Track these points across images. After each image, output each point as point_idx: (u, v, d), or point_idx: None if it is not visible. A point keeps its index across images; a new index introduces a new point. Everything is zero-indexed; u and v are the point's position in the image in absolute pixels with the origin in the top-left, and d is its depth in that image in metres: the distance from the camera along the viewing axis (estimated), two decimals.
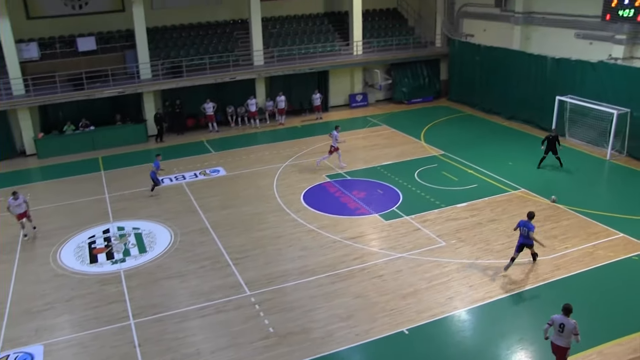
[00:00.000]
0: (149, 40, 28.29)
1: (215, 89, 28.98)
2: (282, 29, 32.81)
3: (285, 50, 31.26)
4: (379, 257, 15.63)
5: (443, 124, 29.10)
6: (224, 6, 31.57)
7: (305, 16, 34.18)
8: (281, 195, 20.20)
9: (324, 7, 34.76)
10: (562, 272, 14.51)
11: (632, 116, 22.33)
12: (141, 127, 27.62)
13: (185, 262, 15.79)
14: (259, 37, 30.19)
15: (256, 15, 29.83)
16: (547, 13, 27.85)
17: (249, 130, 28.85)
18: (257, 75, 29.61)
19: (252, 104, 29.03)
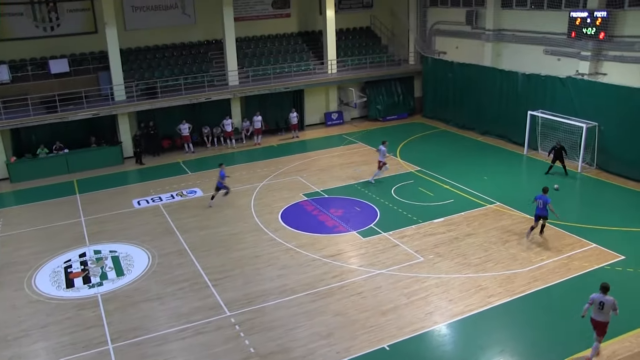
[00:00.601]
0: (122, 62, 28.29)
1: (191, 110, 29.01)
2: (256, 48, 33.08)
3: (260, 70, 31.50)
4: (358, 274, 15.74)
5: (418, 141, 29.53)
6: (197, 27, 31.78)
7: (280, 36, 34.54)
8: (259, 214, 20.23)
9: (298, 27, 35.19)
10: (540, 284, 14.81)
11: (600, 130, 23.02)
12: (116, 149, 27.46)
13: (164, 284, 15.69)
14: (233, 57, 30.40)
15: (230, 35, 30.08)
16: (516, 30, 28.65)
17: (225, 151, 28.87)
18: (232, 95, 29.74)
19: (228, 124, 29.11)
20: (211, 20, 31.39)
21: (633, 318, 13.16)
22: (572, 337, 12.52)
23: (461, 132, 30.68)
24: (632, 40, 22.96)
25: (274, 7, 33.83)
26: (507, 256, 16.40)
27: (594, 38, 23.79)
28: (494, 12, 29.56)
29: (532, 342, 12.51)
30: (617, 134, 22.50)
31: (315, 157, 27.06)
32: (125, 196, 22.77)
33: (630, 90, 21.89)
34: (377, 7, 36.84)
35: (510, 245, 17.06)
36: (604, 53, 24.31)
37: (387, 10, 36.95)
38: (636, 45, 22.81)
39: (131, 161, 27.58)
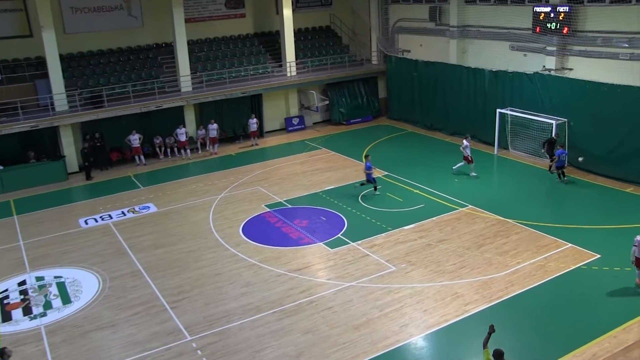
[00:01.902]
0: (63, 69, 27.63)
1: (141, 119, 28.54)
2: (210, 52, 32.84)
3: (214, 75, 31.27)
4: (327, 287, 15.66)
5: (384, 144, 29.73)
6: (145, 29, 31.36)
7: (234, 37, 34.39)
8: (218, 229, 19.99)
9: (254, 28, 35.10)
10: (517, 288, 15.00)
11: (570, 126, 23.62)
12: (59, 164, 26.71)
13: (117, 310, 15.28)
14: (185, 62, 30.08)
15: (181, 38, 29.78)
16: (481, 26, 29.22)
17: (179, 162, 28.49)
18: (186, 102, 29.42)
19: (182, 134, 28.74)
20: (160, 22, 31.03)
21: (611, 318, 13.45)
22: (552, 342, 12.69)
23: (429, 133, 31.03)
24: (594, 35, 23.68)
25: (228, 7, 33.67)
26: (483, 261, 16.58)
27: (558, 33, 24.46)
28: (457, 8, 30.10)
29: (512, 349, 12.61)
30: (587, 129, 23.12)
31: (277, 165, 26.96)
32: (70, 215, 22.17)
33: (596, 85, 22.54)
34: (337, 6, 37.08)
35: (485, 250, 17.27)
36: (569, 48, 25.01)
37: (347, 9, 37.22)
38: (598, 40, 23.53)
39: (76, 177, 26.92)
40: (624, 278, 15.29)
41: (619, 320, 13.37)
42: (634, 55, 22.38)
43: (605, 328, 13.09)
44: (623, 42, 22.65)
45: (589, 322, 13.35)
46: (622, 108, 21.60)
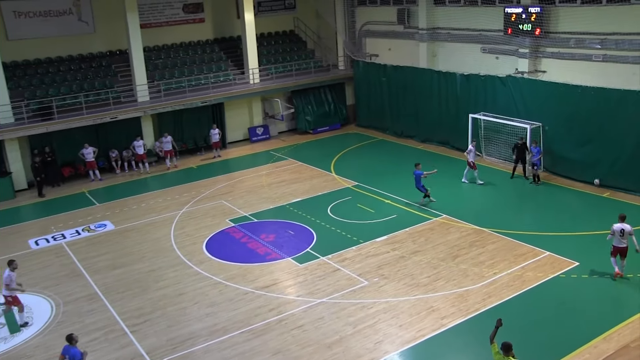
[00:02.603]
0: (7, 78, 27.12)
1: (95, 132, 28.20)
2: (167, 59, 32.68)
3: (173, 83, 31.10)
4: (297, 305, 15.64)
5: (353, 153, 29.92)
6: (98, 36, 31.06)
7: (193, 43, 34.29)
8: (180, 246, 19.82)
9: (214, 33, 35.06)
10: (494, 300, 15.21)
11: (545, 130, 24.15)
12: (5, 181, 26.13)
13: None
14: (141, 70, 29.87)
15: (136, 44, 29.57)
16: (451, 28, 29.73)
17: (137, 176, 28.20)
18: (143, 112, 29.17)
19: (140, 146, 28.46)
20: (113, 28, 30.78)
21: (591, 328, 13.75)
22: (532, 355, 12.87)
23: (400, 140, 31.34)
24: (567, 37, 24.35)
25: (186, 12, 33.58)
26: (458, 272, 16.78)
27: (531, 34, 25.06)
28: (426, 10, 30.59)
29: None
30: (561, 133, 23.68)
31: (241, 177, 26.90)
32: (19, 236, 21.71)
33: (570, 87, 23.16)
34: (301, 9, 37.33)
35: (461, 261, 17.48)
36: (542, 50, 25.63)
37: (311, 12, 37.49)
38: (571, 41, 24.18)
39: (25, 194, 26.40)
40: (604, 286, 15.67)
41: (599, 329, 13.67)
42: (607, 56, 23.04)
43: (586, 338, 13.36)
44: (595, 43, 23.31)
45: (568, 333, 13.60)
46: (597, 111, 22.19)
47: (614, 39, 22.68)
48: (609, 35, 22.89)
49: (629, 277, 15.92)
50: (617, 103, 21.56)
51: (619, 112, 21.53)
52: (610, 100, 21.76)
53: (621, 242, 15.62)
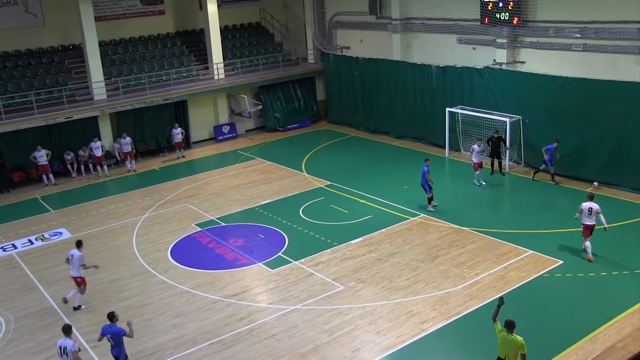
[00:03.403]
0: None
1: (48, 133, 27.75)
2: (125, 54, 32.32)
3: (132, 80, 30.76)
4: (269, 313, 15.58)
5: (326, 151, 29.94)
6: (48, 29, 30.55)
7: (153, 37, 33.98)
8: (143, 254, 19.61)
9: (175, 26, 34.78)
10: (476, 302, 15.33)
11: (525, 123, 24.45)
12: None
13: (26, 355, 14.68)
14: (97, 66, 29.48)
15: (91, 39, 29.15)
16: (426, 18, 29.92)
17: (95, 180, 27.83)
18: (100, 111, 28.79)
19: (97, 148, 28.07)
20: (65, 21, 30.36)
21: (576, 329, 13.95)
22: None
23: (374, 137, 31.46)
24: (546, 26, 24.68)
25: (144, 4, 33.25)
26: (438, 274, 16.88)
27: (508, 24, 25.35)
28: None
29: None
30: (542, 126, 24.00)
31: (207, 179, 26.73)
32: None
33: (550, 78, 23.50)
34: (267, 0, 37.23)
35: (440, 262, 17.59)
36: (520, 40, 25.95)
37: (279, 3, 37.42)
38: (550, 31, 24.53)
39: None
40: (588, 285, 15.92)
41: (585, 330, 13.87)
42: (587, 45, 23.42)
43: (571, 339, 13.55)
44: (575, 32, 23.67)
45: (554, 335, 13.77)
46: (579, 102, 22.54)
47: (594, 27, 23.05)
48: (588, 23, 23.25)
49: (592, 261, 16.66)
50: (599, 94, 21.92)
51: (601, 104, 21.89)
52: (592, 92, 22.11)
53: (589, 219, 16.83)
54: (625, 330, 13.69)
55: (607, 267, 16.63)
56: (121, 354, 12.73)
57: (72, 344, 12.25)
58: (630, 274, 16.28)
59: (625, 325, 13.94)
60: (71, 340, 12.36)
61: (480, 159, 23.26)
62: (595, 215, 16.77)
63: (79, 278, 16.30)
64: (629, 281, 15.98)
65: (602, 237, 17.41)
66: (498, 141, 23.89)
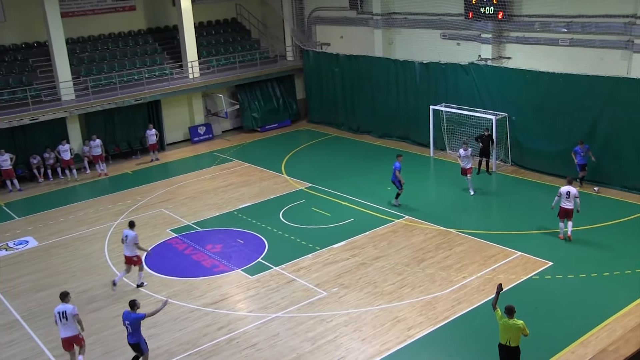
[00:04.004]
0: None
1: (11, 136, 27.47)
2: (94, 52, 32.07)
3: (101, 79, 30.52)
4: (249, 321, 15.52)
5: (306, 151, 29.93)
6: (10, 25, 30.20)
7: (124, 34, 33.75)
8: (116, 262, 19.42)
9: (146, 22, 34.59)
10: (464, 306, 15.38)
11: (511, 121, 24.63)
12: None
13: None
14: (65, 65, 29.21)
15: (58, 36, 28.87)
16: (408, 13, 30.05)
17: (64, 185, 27.55)
18: (68, 113, 28.52)
19: (65, 151, 27.79)
20: (28, 17, 30.06)
21: (567, 332, 14.05)
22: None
23: (356, 137, 31.50)
24: (532, 20, 24.94)
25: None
26: (424, 278, 16.92)
27: (493, 18, 25.54)
28: None
29: None
30: (529, 124, 24.20)
31: (182, 182, 26.60)
32: None
33: (536, 74, 23.72)
34: None
35: (427, 265, 17.63)
36: (506, 34, 26.18)
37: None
38: (536, 25, 24.76)
39: None
40: (579, 287, 16.05)
41: (576, 333, 13.98)
42: (574, 40, 23.66)
43: (563, 343, 13.64)
44: (561, 27, 23.90)
45: (545, 338, 13.84)
46: (566, 98, 22.74)
47: (580, 21, 23.31)
48: (574, 18, 23.50)
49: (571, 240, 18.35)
50: (586, 90, 22.13)
51: (589, 100, 22.11)
52: (579, 87, 22.33)
53: (566, 203, 18.04)
54: (616, 333, 13.81)
55: (598, 268, 16.78)
56: (140, 339, 13.31)
57: (72, 308, 13.35)
58: (621, 274, 16.45)
59: (617, 327, 14.07)
60: (70, 304, 13.40)
61: (470, 164, 22.65)
62: (573, 200, 18.00)
63: (135, 257, 17.44)
64: (620, 282, 16.14)
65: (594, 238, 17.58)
66: (488, 140, 24.02)
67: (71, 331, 13.44)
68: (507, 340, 11.93)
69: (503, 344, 12.02)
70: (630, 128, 21.29)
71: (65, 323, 13.31)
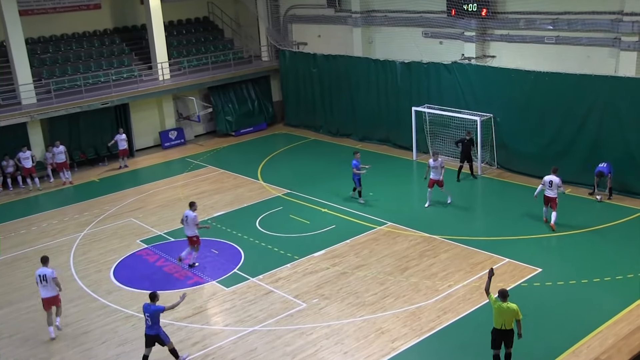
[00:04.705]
0: None
1: None
2: (57, 53, 31.84)
3: (65, 82, 30.27)
4: (225, 336, 15.44)
5: (283, 156, 29.91)
6: None
7: (89, 34, 33.56)
8: (82, 275, 19.25)
9: (113, 22, 34.40)
10: (451, 316, 15.42)
11: (497, 122, 24.81)
12: None
13: None
14: (25, 66, 28.94)
15: (16, 35, 28.59)
16: (388, 11, 30.20)
17: (25, 195, 27.26)
18: (29, 117, 28.26)
19: (26, 158, 27.46)
20: None
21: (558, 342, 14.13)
22: None
23: (335, 140, 31.56)
24: (516, 17, 25.19)
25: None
26: (408, 287, 16.95)
27: (477, 15, 25.75)
28: None
29: None
30: (515, 125, 24.41)
31: (153, 190, 26.47)
32: None
33: (522, 73, 23.95)
34: None
35: (411, 274, 17.67)
36: (490, 32, 26.41)
37: None
38: (521, 22, 25.02)
39: None
40: (569, 294, 16.18)
41: (567, 342, 14.06)
42: (560, 38, 23.92)
43: (553, 353, 13.72)
44: (547, 24, 24.17)
45: (534, 348, 13.92)
46: (553, 98, 22.96)
47: (566, 18, 23.59)
48: (560, 14, 23.78)
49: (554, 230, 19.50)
50: (573, 89, 22.38)
51: (576, 100, 22.36)
52: (566, 87, 22.56)
53: (549, 192, 19.39)
54: (608, 342, 13.94)
55: (589, 274, 16.94)
56: (160, 331, 14.03)
57: (51, 272, 15.67)
58: (613, 280, 16.61)
59: (608, 335, 14.19)
60: (49, 268, 15.74)
61: (440, 175, 21.86)
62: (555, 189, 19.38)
63: (195, 237, 18.92)
64: (611, 288, 16.30)
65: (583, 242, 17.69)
66: (469, 143, 24.15)
67: (50, 292, 15.74)
68: (501, 324, 12.64)
69: (498, 329, 12.73)
70: (620, 128, 21.53)
71: (45, 285, 15.66)
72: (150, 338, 14.00)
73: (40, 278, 15.68)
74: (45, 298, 15.81)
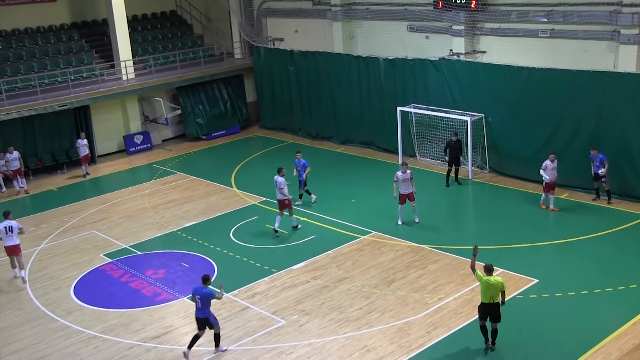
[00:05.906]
0: None
1: None
2: (8, 49, 31.66)
3: (18, 82, 30.07)
4: (198, 356, 15.34)
5: (258, 161, 29.90)
6: None
7: (44, 29, 33.39)
8: (39, 294, 19.08)
9: (71, 16, 34.27)
10: (441, 332, 15.45)
11: (488, 122, 24.96)
12: None
13: None
14: None
15: None
16: (370, 3, 30.35)
17: None
18: None
19: None
20: None
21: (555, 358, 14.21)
22: None
23: (315, 143, 31.60)
24: (508, 9, 25.40)
25: None
26: (396, 301, 16.97)
27: (465, 8, 25.90)
28: None
29: None
30: (507, 125, 24.56)
31: (117, 199, 26.35)
32: None
33: (514, 69, 24.13)
34: None
35: (398, 287, 17.69)
36: (480, 26, 26.58)
37: None
38: (513, 15, 25.20)
39: None
40: (567, 307, 16.26)
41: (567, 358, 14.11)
42: (555, 31, 24.13)
43: None
44: (541, 17, 24.37)
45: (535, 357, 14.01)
46: (548, 96, 23.14)
47: (562, 10, 23.82)
48: (555, 6, 24.01)
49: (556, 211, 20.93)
50: (569, 86, 22.57)
51: (573, 97, 22.55)
52: (561, 83, 22.75)
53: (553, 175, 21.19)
54: (612, 357, 14.02)
55: (589, 285, 17.04)
56: (210, 315, 14.82)
57: (17, 224, 19.40)
58: (615, 291, 16.73)
59: (612, 350, 14.27)
60: (15, 221, 19.49)
61: (411, 189, 21.20)
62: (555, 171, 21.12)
63: (286, 200, 21.15)
64: (613, 300, 16.41)
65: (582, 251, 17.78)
66: (457, 146, 24.21)
67: (14, 241, 19.31)
68: (490, 298, 13.85)
69: (486, 303, 13.91)
70: (620, 127, 21.74)
71: (10, 235, 19.14)
72: (201, 321, 14.77)
73: (6, 230, 19.06)
74: (8, 246, 19.28)
